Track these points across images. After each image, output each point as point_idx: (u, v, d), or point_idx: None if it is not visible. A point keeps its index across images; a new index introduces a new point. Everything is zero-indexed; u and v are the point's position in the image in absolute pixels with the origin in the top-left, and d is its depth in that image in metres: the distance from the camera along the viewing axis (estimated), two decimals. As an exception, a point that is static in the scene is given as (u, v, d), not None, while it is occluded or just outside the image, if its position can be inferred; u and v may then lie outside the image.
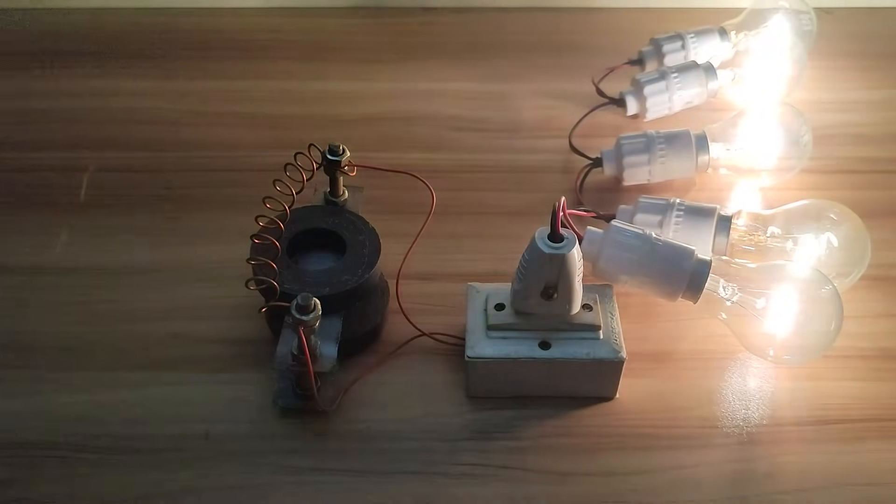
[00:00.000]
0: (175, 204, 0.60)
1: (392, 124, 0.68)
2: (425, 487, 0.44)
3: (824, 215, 0.52)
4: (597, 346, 0.46)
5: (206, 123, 0.68)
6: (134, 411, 0.47)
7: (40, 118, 0.68)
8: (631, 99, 0.66)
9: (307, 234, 0.50)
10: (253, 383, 0.48)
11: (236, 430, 0.46)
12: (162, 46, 0.77)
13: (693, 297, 0.48)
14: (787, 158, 0.60)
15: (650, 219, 0.53)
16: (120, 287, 0.54)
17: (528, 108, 0.71)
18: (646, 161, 0.59)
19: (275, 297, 0.44)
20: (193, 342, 0.51)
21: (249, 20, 0.82)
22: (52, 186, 0.62)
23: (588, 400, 0.48)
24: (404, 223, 0.53)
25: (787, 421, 0.47)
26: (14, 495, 0.43)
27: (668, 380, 0.49)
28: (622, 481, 0.44)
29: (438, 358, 0.50)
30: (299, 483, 0.44)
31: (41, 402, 0.47)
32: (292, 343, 0.44)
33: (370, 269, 0.48)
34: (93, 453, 0.45)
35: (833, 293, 0.47)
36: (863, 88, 0.73)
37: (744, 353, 0.50)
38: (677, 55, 0.69)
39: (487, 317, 0.47)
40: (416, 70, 0.75)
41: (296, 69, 0.75)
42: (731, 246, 0.53)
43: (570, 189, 0.62)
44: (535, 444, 0.46)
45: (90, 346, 0.50)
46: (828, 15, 0.79)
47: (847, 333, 0.48)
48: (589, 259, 0.49)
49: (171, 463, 0.45)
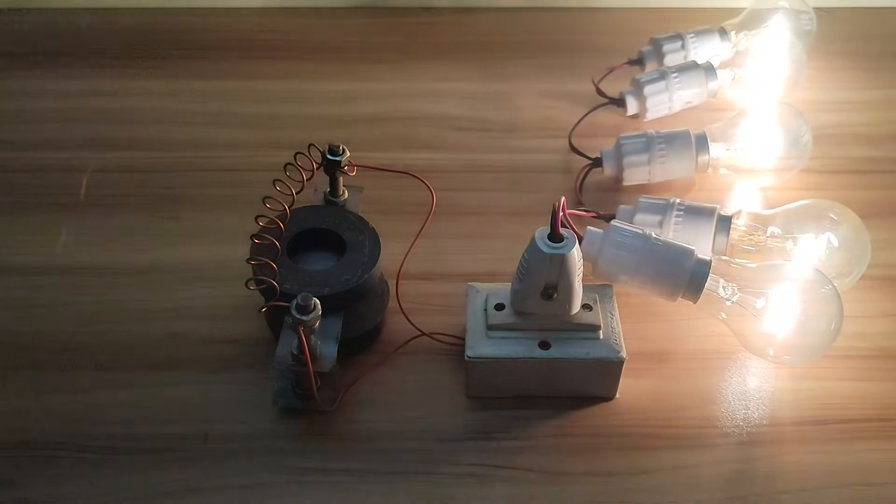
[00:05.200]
0: (175, 204, 0.60)
1: (392, 124, 0.68)
2: (425, 487, 0.44)
3: (824, 215, 0.52)
4: (597, 346, 0.46)
5: (206, 123, 0.68)
6: (134, 411, 0.47)
7: (40, 118, 0.68)
8: (631, 99, 0.66)
9: (307, 234, 0.50)
10: (253, 383, 0.48)
11: (236, 430, 0.46)
12: (162, 46, 0.77)
13: (693, 297, 0.48)
14: (787, 158, 0.60)
15: (650, 219, 0.53)
16: (120, 287, 0.54)
17: (528, 108, 0.71)
18: (646, 161, 0.59)
19: (275, 297, 0.44)
20: (193, 342, 0.51)
21: (249, 20, 0.81)
22: (52, 186, 0.62)
23: (588, 400, 0.48)
24: (404, 223, 0.53)
25: (787, 421, 0.47)
26: (14, 495, 0.43)
27: (668, 380, 0.49)
28: (622, 481, 0.44)
29: (438, 358, 0.50)
30: (299, 483, 0.44)
31: (41, 402, 0.47)
32: (292, 343, 0.44)
33: (370, 269, 0.48)
34: (93, 453, 0.45)
35: (833, 293, 0.47)
36: (862, 88, 0.73)
37: (744, 353, 0.50)
38: (677, 55, 0.69)
39: (487, 317, 0.47)
40: (416, 70, 0.75)
41: (296, 69, 0.75)
42: (731, 246, 0.53)
43: (570, 189, 0.62)
44: (535, 444, 0.46)
45: (90, 346, 0.50)
46: (827, 15, 0.79)
47: (847, 333, 0.48)
48: (589, 259, 0.49)
49: (171, 463, 0.45)
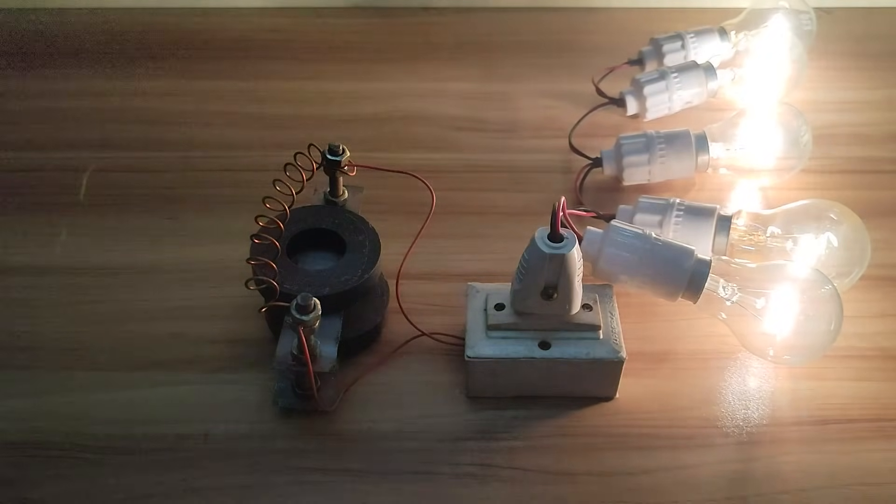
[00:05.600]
0: (175, 204, 0.60)
1: (392, 124, 0.68)
2: (425, 487, 0.44)
3: (824, 215, 0.52)
4: (597, 346, 0.46)
5: (206, 123, 0.68)
6: (134, 411, 0.47)
7: (40, 118, 0.68)
8: (631, 99, 0.66)
9: (307, 234, 0.50)
10: (253, 383, 0.48)
11: (236, 430, 0.46)
12: (162, 46, 0.77)
13: (693, 297, 0.48)
14: (787, 158, 0.60)
15: (650, 219, 0.53)
16: (120, 287, 0.54)
17: (528, 108, 0.71)
18: (646, 161, 0.59)
19: (275, 297, 0.44)
20: (193, 342, 0.51)
21: (249, 20, 0.82)
22: (52, 186, 0.62)
23: (588, 400, 0.48)
24: (404, 223, 0.53)
25: (787, 421, 0.47)
26: (14, 495, 0.43)
27: (668, 380, 0.49)
28: (622, 481, 0.44)
29: (438, 358, 0.50)
30: (299, 483, 0.44)
31: (41, 402, 0.47)
32: (292, 343, 0.44)
33: (370, 269, 0.48)
34: (93, 453, 0.45)
35: (833, 293, 0.47)
36: (862, 88, 0.73)
37: (744, 353, 0.50)
38: (677, 55, 0.69)
39: (487, 317, 0.47)
40: (416, 70, 0.75)
41: (296, 69, 0.75)
42: (731, 246, 0.53)
43: (570, 189, 0.62)
44: (535, 444, 0.46)
45: (90, 346, 0.50)
46: (827, 15, 0.79)
47: (847, 333, 0.48)
48: (589, 259, 0.49)
49: (172, 463, 0.45)
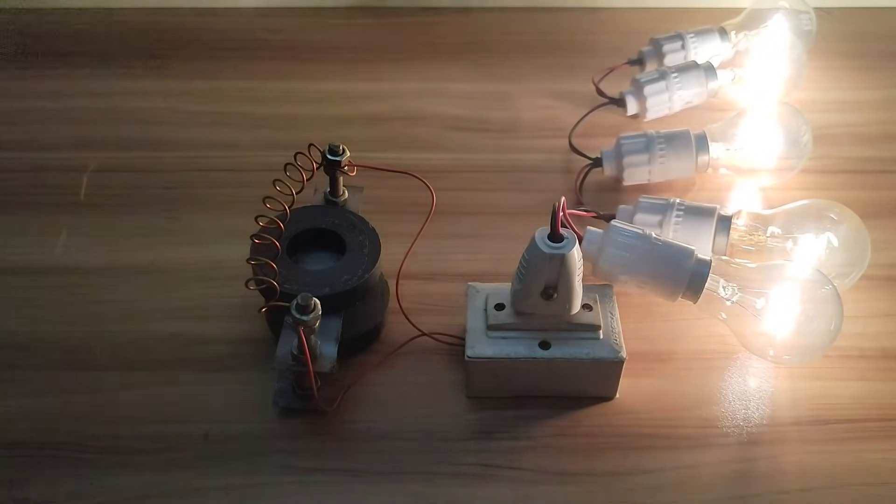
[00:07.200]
0: (175, 204, 0.60)
1: (392, 124, 0.68)
2: (425, 487, 0.44)
3: (824, 215, 0.52)
4: (597, 346, 0.46)
5: (206, 123, 0.68)
6: (134, 411, 0.47)
7: (40, 118, 0.68)
8: (631, 99, 0.66)
9: (307, 234, 0.50)
10: (253, 383, 0.48)
11: (236, 430, 0.46)
12: (162, 46, 0.77)
13: (693, 297, 0.47)
14: (787, 158, 0.60)
15: (650, 219, 0.53)
16: (120, 287, 0.54)
17: (528, 108, 0.71)
18: (646, 161, 0.59)
19: (275, 297, 0.44)
20: (193, 342, 0.51)
21: (249, 20, 0.81)
22: (52, 186, 0.62)
23: (588, 400, 0.48)
24: (404, 223, 0.53)
25: (787, 421, 0.47)
26: (14, 495, 0.43)
27: (668, 380, 0.49)
28: (622, 481, 0.44)
29: (438, 358, 0.50)
30: (299, 483, 0.44)
31: (41, 402, 0.47)
32: (292, 343, 0.44)
33: (370, 269, 0.48)
34: (93, 453, 0.45)
35: (833, 293, 0.47)
36: (862, 88, 0.73)
37: (744, 353, 0.50)
38: (677, 55, 0.69)
39: (487, 317, 0.47)
40: (416, 70, 0.75)
41: (296, 69, 0.75)
42: (731, 246, 0.53)
43: (570, 189, 0.62)
44: (535, 444, 0.46)
45: (90, 346, 0.50)
46: (827, 15, 0.79)
47: (847, 333, 0.48)
48: (589, 259, 0.49)
49: (171, 463, 0.45)
